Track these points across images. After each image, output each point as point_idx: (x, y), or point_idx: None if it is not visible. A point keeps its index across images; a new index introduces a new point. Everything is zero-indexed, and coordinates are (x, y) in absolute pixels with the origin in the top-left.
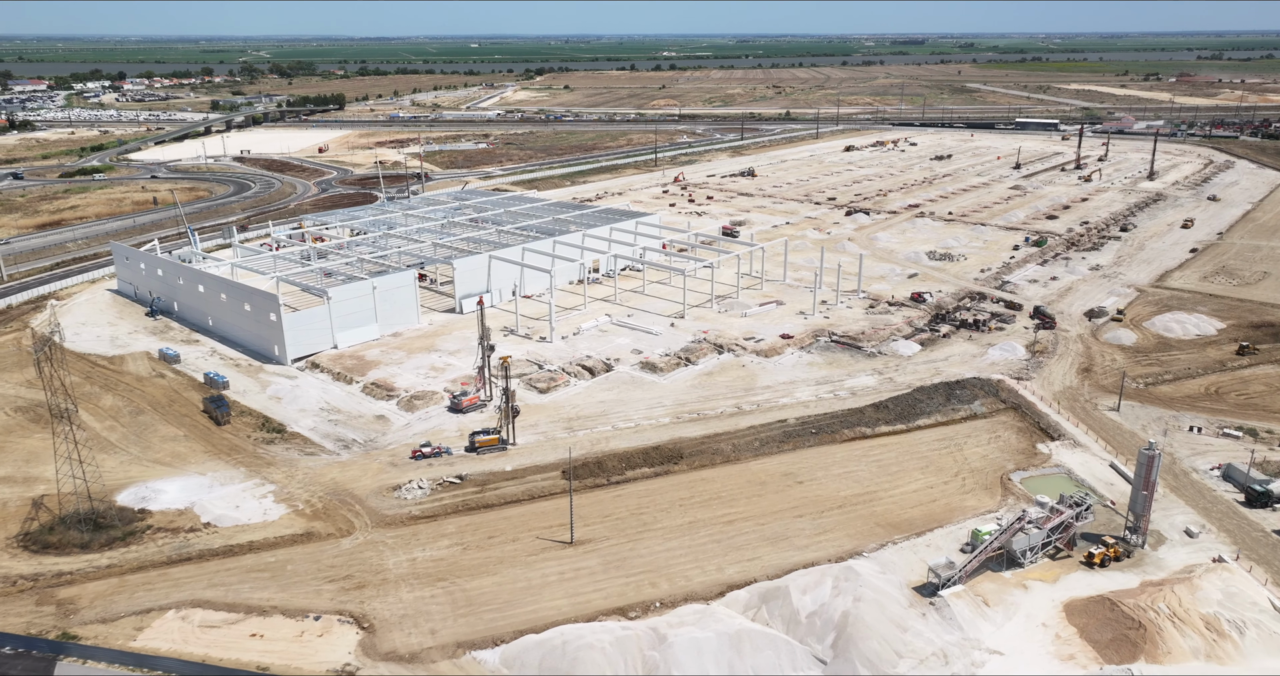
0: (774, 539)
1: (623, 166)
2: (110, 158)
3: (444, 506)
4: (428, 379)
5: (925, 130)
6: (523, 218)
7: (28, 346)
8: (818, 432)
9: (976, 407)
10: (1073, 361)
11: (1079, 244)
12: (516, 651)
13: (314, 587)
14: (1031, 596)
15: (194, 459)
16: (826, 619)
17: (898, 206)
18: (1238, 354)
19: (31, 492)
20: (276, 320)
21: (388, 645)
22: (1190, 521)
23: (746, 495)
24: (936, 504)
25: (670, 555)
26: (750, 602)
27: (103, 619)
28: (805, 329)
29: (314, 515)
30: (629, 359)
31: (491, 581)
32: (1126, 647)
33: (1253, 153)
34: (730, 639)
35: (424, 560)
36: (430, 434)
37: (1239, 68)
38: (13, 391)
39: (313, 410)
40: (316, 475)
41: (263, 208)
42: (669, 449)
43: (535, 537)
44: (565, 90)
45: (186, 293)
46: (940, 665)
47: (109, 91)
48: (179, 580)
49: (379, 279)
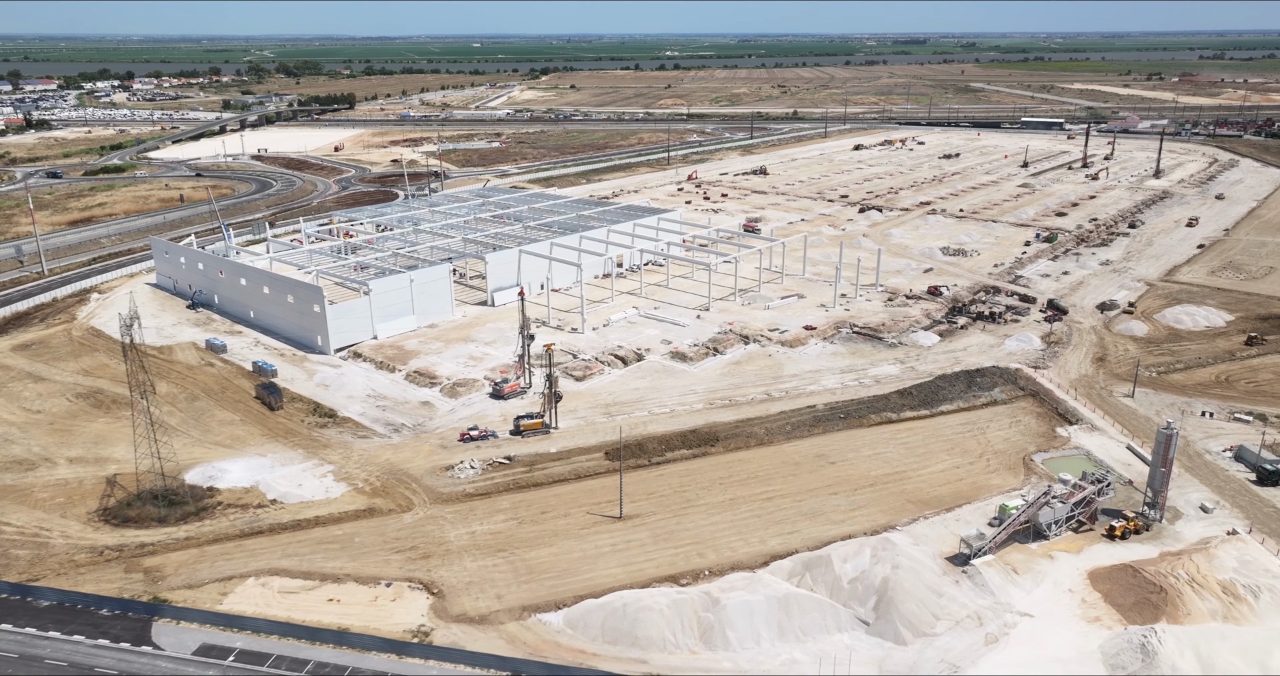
0: (811, 514)
1: (636, 165)
2: (130, 156)
3: (495, 485)
4: (467, 367)
5: (932, 129)
6: (547, 214)
7: (79, 337)
8: (846, 417)
9: (996, 394)
10: (1087, 351)
11: (1089, 240)
12: (579, 613)
13: (382, 558)
14: (1057, 565)
15: (253, 441)
16: (867, 584)
17: (909, 204)
18: (1246, 344)
19: (104, 472)
20: (321, 311)
21: (458, 608)
22: (1205, 498)
23: (782, 474)
24: (963, 482)
25: (714, 528)
26: (794, 570)
27: (188, 585)
28: (827, 320)
29: (374, 493)
30: (659, 349)
31: (548, 552)
32: (1149, 610)
33: (1256, 151)
34: (779, 602)
35: (483, 533)
36: (474, 419)
37: (1241, 67)
38: (71, 379)
39: (360, 396)
40: (371, 456)
41: (287, 205)
42: (705, 432)
43: (585, 513)
44: (572, 90)
45: (228, 286)
46: (975, 626)
47: (119, 91)
48: (254, 551)
49: (416, 272)
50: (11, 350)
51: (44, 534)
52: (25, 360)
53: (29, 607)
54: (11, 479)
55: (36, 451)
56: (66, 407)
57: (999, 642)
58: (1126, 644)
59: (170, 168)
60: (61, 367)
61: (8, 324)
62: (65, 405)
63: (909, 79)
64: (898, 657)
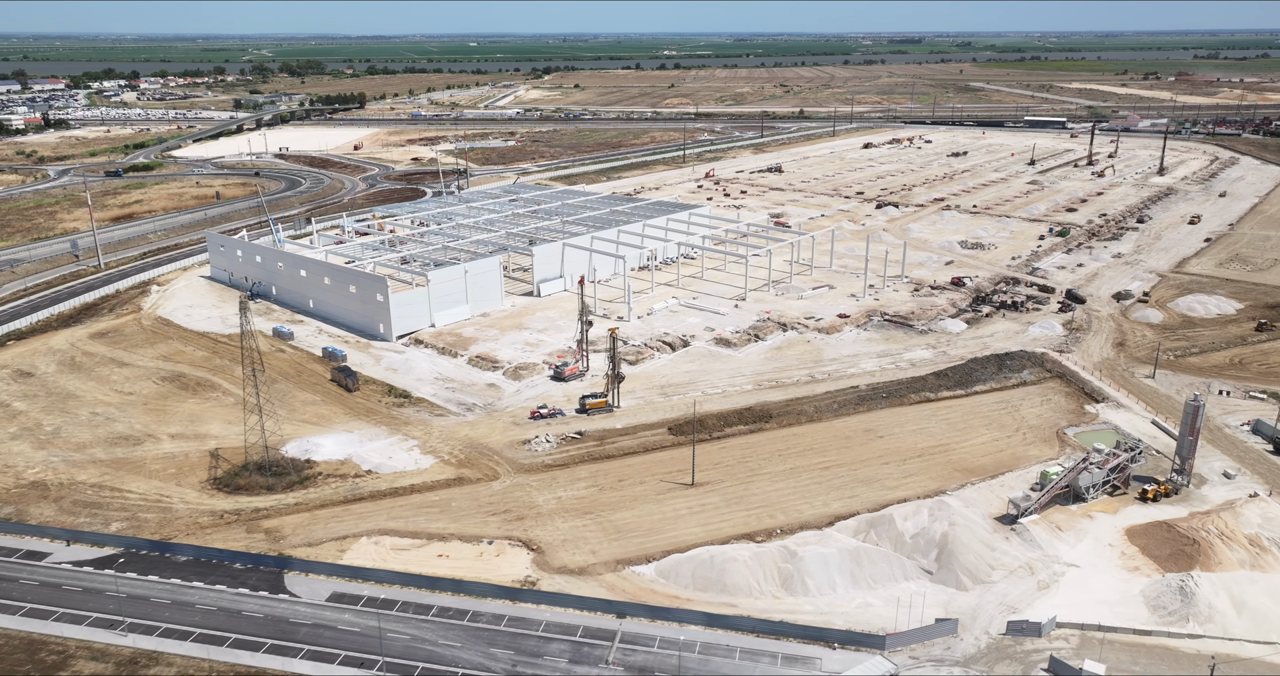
0: (867, 481)
1: (652, 163)
2: (154, 155)
3: (571, 457)
4: (525, 352)
5: (937, 128)
6: (582, 210)
7: (149, 325)
8: (888, 396)
9: (1026, 376)
10: (1107, 337)
11: (1100, 234)
12: (669, 565)
13: (480, 519)
14: (1097, 524)
15: (337, 420)
16: (928, 539)
17: (923, 200)
18: (1257, 330)
19: (205, 446)
20: (384, 301)
21: (558, 562)
22: (1227, 466)
23: (835, 447)
24: (1003, 453)
25: (780, 493)
26: (859, 528)
27: (307, 543)
28: (859, 309)
29: (459, 464)
30: (702, 336)
31: (631, 514)
32: (1183, 559)
33: (1255, 149)
34: (850, 554)
35: (568, 498)
36: (538, 399)
37: (1235, 67)
38: (153, 364)
39: (429, 379)
40: (451, 432)
41: (319, 202)
42: (758, 410)
43: (659, 481)
44: (576, 89)
45: (287, 277)
46: (1027, 575)
47: (127, 90)
48: (361, 514)
49: (470, 264)
50: (90, 338)
51: (165, 499)
52: (105, 347)
53: (169, 562)
54: (122, 452)
55: (139, 428)
56: (155, 389)
57: (1050, 588)
58: (1166, 587)
59: (197, 165)
60: (141, 354)
61: (79, 314)
62: (153, 387)
63: (909, 78)
64: (961, 601)
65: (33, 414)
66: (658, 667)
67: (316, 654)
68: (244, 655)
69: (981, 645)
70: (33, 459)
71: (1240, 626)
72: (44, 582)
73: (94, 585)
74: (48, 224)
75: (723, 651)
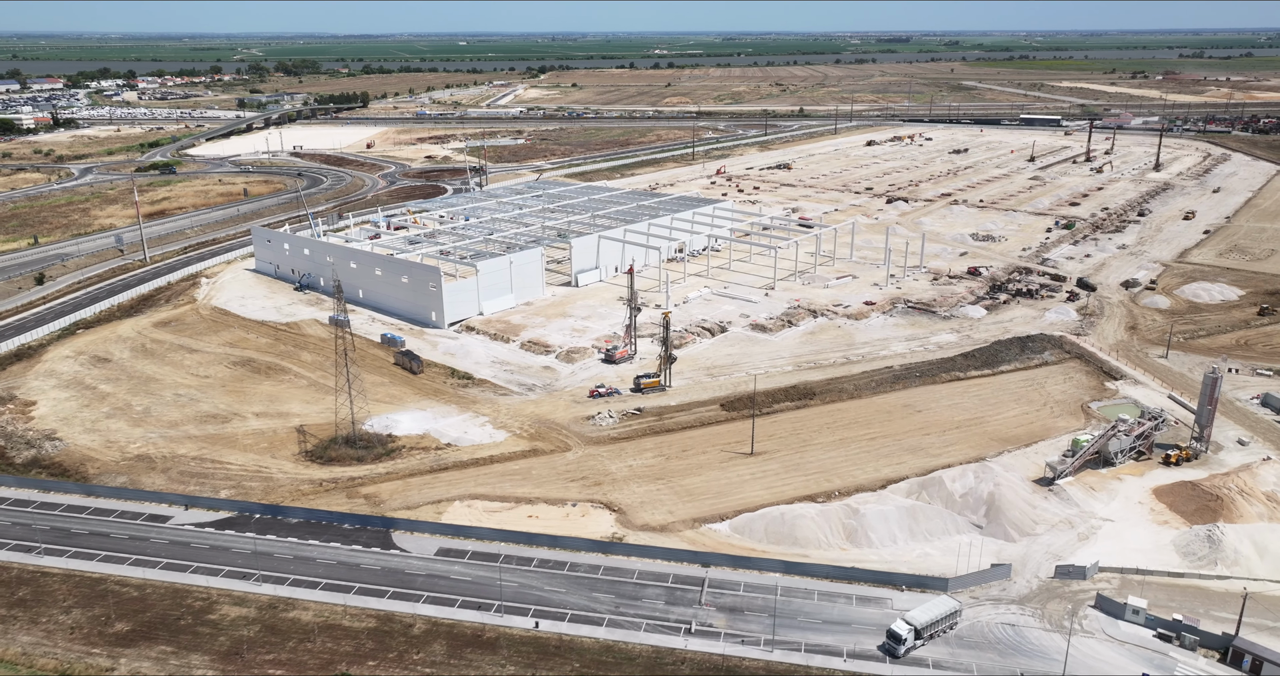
0: (912, 449)
1: (662, 160)
2: (170, 153)
3: (633, 431)
4: (574, 338)
5: (935, 126)
6: (609, 205)
7: (208, 315)
8: (920, 376)
9: (1047, 357)
10: (1120, 321)
11: (1103, 227)
12: (742, 522)
13: (561, 485)
14: (1126, 485)
15: (408, 399)
16: (976, 497)
17: (931, 195)
18: (1259, 315)
19: (289, 424)
20: (436, 290)
21: (639, 521)
22: (1241, 435)
23: (878, 420)
24: (1034, 425)
25: (833, 461)
26: (911, 489)
27: (406, 507)
28: (883, 297)
29: (531, 437)
30: (738, 322)
31: (699, 479)
32: (1207, 514)
33: (1246, 146)
34: (906, 511)
35: (639, 466)
36: (592, 380)
37: (1220, 66)
38: (221, 351)
39: (486, 363)
40: (517, 409)
41: (344, 198)
42: (802, 388)
43: (720, 451)
44: (574, 88)
45: (336, 268)
46: (1068, 528)
47: (126, 89)
48: (450, 482)
49: (514, 255)
50: (154, 326)
51: (265, 470)
52: (171, 335)
53: (281, 524)
54: (214, 429)
55: (223, 408)
56: (229, 373)
57: (1089, 540)
58: (1194, 537)
59: (215, 164)
60: (207, 341)
61: (139, 304)
62: (226, 371)
63: (902, 77)
64: (1010, 551)
65: (120, 395)
66: (746, 608)
67: (436, 599)
68: (370, 600)
69: (1033, 587)
70: (131, 435)
71: (1264, 568)
72: (173, 541)
73: (219, 543)
74: (83, 220)
75: (802, 594)
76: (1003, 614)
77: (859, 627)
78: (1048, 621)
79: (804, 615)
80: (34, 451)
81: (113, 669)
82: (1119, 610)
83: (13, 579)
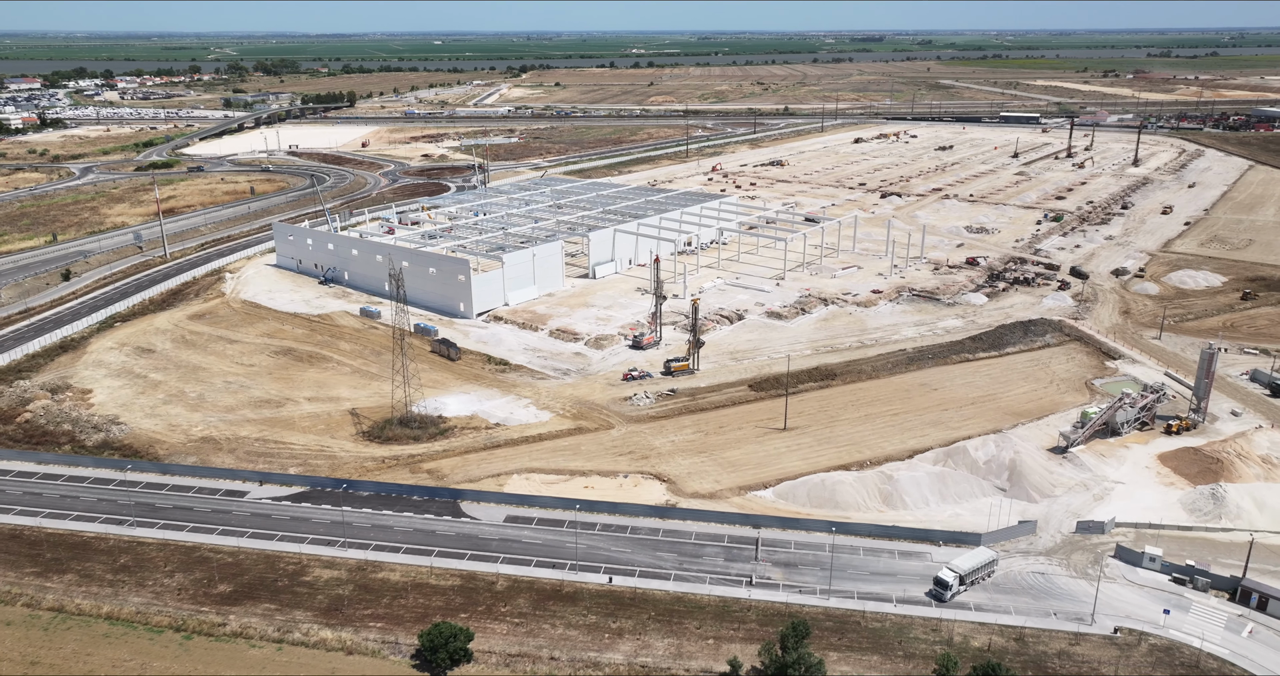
0: (933, 423)
1: (656, 158)
2: (166, 153)
3: (669, 410)
4: (599, 326)
5: (919, 124)
6: (617, 200)
7: (239, 308)
8: (933, 358)
9: (1049, 339)
10: (1113, 306)
11: (1090, 219)
12: (785, 489)
13: (610, 459)
14: (1133, 452)
15: (451, 383)
16: (999, 464)
17: (923, 190)
18: (1242, 299)
19: (340, 407)
20: (465, 281)
21: (689, 489)
22: (1234, 406)
23: (898, 398)
24: (1044, 400)
25: (861, 434)
26: (937, 458)
27: (468, 480)
28: (888, 286)
29: (575, 417)
30: (754, 310)
31: (739, 452)
32: (1209, 475)
33: (1218, 142)
34: (936, 476)
35: (680, 441)
36: (623, 365)
37: (1187, 65)
38: (259, 341)
39: (518, 350)
40: (556, 392)
41: (349, 196)
42: (823, 370)
43: (754, 426)
44: (558, 87)
45: (361, 262)
46: (1083, 490)
47: (106, 89)
48: (505, 457)
49: (537, 247)
50: (189, 319)
51: (327, 449)
52: (208, 327)
53: (354, 496)
54: (269, 413)
55: (274, 394)
56: (272, 362)
57: (1103, 499)
58: (1199, 495)
59: (213, 163)
60: (244, 332)
61: (169, 298)
62: (269, 360)
63: (880, 76)
64: (1033, 510)
65: (172, 383)
66: (799, 563)
67: (512, 559)
68: (452, 562)
69: (1057, 540)
70: (192, 419)
71: (1263, 521)
72: (254, 513)
73: (299, 514)
74: (94, 218)
75: (848, 550)
76: (1032, 564)
77: (904, 578)
78: (1073, 570)
79: (852, 568)
80: (102, 435)
81: (224, 624)
82: (1137, 558)
83: (111, 548)
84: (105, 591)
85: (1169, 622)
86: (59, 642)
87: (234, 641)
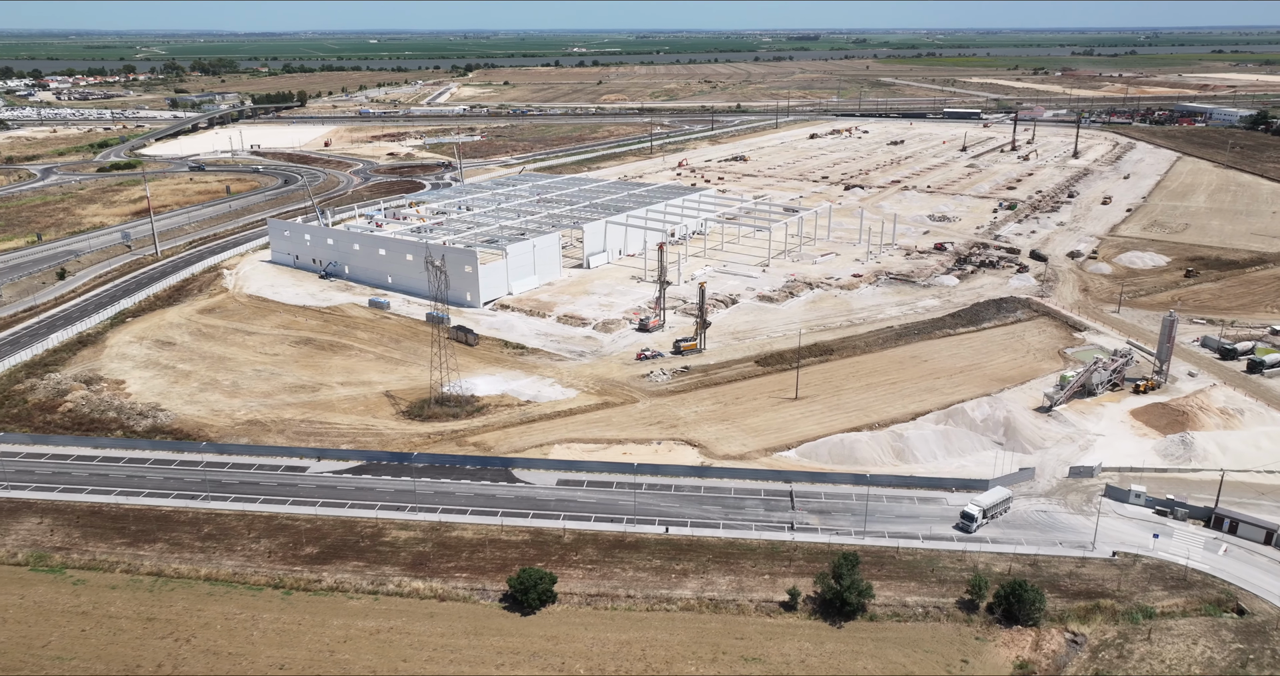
0: (928, 390)
1: (621, 154)
2: (124, 154)
3: (686, 385)
4: (603, 311)
5: (867, 120)
6: (600, 194)
7: (246, 302)
8: (918, 333)
9: (1020, 315)
10: (1074, 285)
11: (1041, 207)
12: (808, 449)
13: (641, 428)
14: (1108, 409)
15: (476, 367)
16: (995, 421)
17: (882, 183)
18: (1185, 277)
19: (374, 390)
20: (472, 271)
21: (720, 452)
22: (1190, 369)
23: (893, 369)
24: (1024, 367)
25: (866, 401)
26: (938, 419)
27: (513, 450)
28: (867, 271)
29: (600, 393)
30: (745, 295)
31: (759, 419)
32: (1176, 426)
33: (1147, 135)
34: (941, 433)
35: (703, 412)
36: (634, 346)
37: (1109, 63)
38: (277, 332)
39: (531, 335)
40: (577, 372)
41: (325, 194)
42: (821, 346)
43: (768, 397)
44: (507, 86)
45: (363, 256)
46: (1070, 442)
47: (39, 89)
48: (544, 430)
49: (537, 239)
50: (199, 313)
51: (372, 427)
52: (220, 320)
53: (410, 468)
54: (307, 397)
55: (306, 380)
56: (295, 351)
57: (1088, 449)
58: (1170, 442)
59: (177, 164)
60: (259, 324)
61: (173, 295)
62: (292, 349)
63: (821, 74)
64: (1029, 460)
65: (202, 372)
66: (831, 510)
67: (572, 516)
68: (517, 520)
69: (1053, 484)
70: (232, 404)
71: (1226, 461)
72: (319, 486)
73: (362, 485)
74: (70, 219)
75: (873, 498)
76: (1035, 504)
77: (926, 519)
78: (1070, 507)
79: (879, 513)
80: (149, 421)
81: (319, 580)
82: (1124, 496)
83: (192, 519)
84: (198, 557)
85: (1158, 546)
86: (167, 601)
87: (331, 595)
